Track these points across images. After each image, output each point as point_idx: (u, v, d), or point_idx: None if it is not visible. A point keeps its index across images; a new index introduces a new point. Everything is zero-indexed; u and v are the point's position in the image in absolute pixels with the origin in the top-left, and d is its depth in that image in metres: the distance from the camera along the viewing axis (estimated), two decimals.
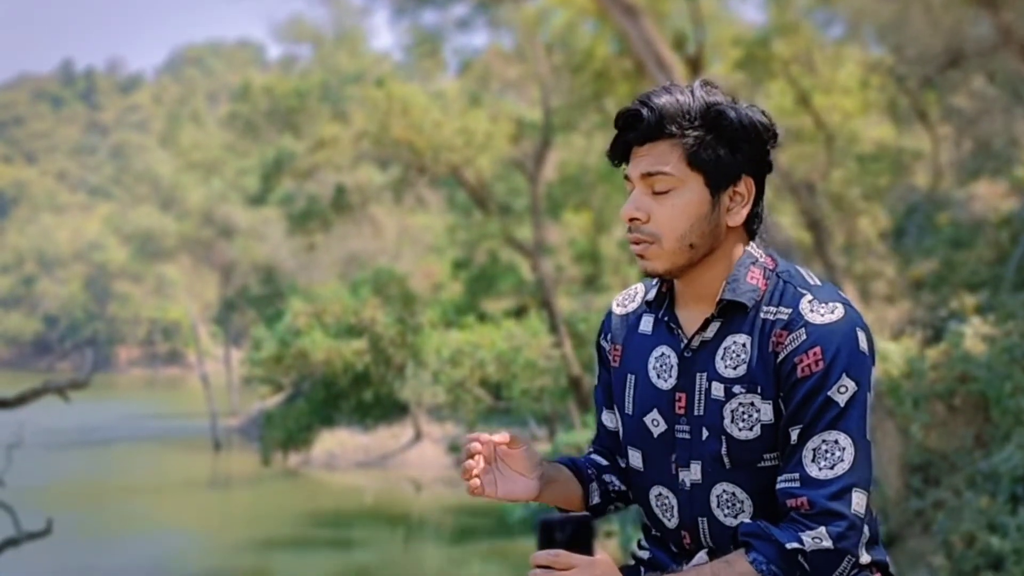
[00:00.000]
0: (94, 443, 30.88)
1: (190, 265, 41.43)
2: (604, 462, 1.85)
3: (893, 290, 14.18)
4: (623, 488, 1.82)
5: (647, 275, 1.69)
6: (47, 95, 77.53)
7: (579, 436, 14.85)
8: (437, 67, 24.53)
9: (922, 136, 17.03)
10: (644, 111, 1.64)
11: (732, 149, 1.63)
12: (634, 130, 1.65)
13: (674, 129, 1.62)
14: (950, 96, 15.93)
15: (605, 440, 1.86)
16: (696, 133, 1.62)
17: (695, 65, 13.59)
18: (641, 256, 1.66)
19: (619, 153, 1.69)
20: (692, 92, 1.64)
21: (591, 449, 1.89)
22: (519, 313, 21.00)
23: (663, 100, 1.64)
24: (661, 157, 1.63)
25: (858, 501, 1.56)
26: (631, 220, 1.66)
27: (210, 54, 75.51)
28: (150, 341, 58.51)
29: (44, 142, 71.81)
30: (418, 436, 26.01)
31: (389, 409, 23.27)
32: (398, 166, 21.59)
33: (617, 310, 1.83)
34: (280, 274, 30.93)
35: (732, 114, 1.63)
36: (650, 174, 1.64)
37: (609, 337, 1.82)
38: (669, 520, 1.72)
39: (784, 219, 13.06)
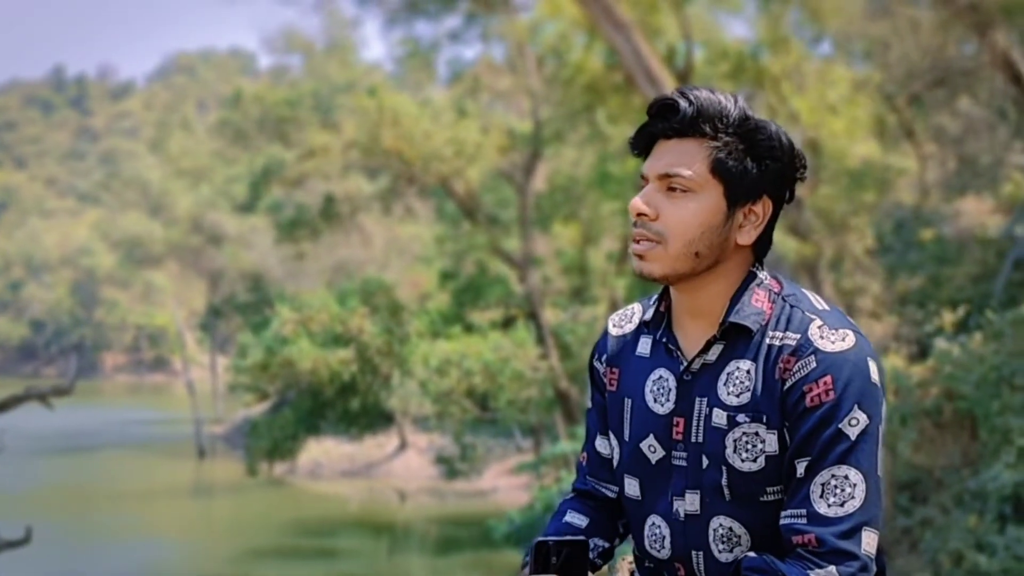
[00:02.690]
0: (78, 449, 30.68)
1: (178, 272, 41.35)
2: (582, 522, 1.71)
3: (879, 306, 14.20)
4: (608, 545, 1.71)
5: (642, 278, 1.58)
6: (38, 101, 77.36)
7: (565, 447, 14.80)
8: (428, 78, 24.54)
9: (908, 153, 17.12)
10: (682, 102, 1.55)
11: (760, 165, 1.55)
12: (666, 121, 1.56)
13: (708, 129, 1.54)
14: (936, 114, 16.03)
15: (596, 468, 1.75)
16: (728, 139, 1.54)
17: (684, 79, 13.63)
18: (640, 256, 1.56)
19: (642, 143, 1.60)
20: (734, 98, 1.57)
21: (572, 492, 1.78)
22: (506, 324, 20.95)
23: (704, 96, 1.55)
24: (684, 157, 1.54)
25: (868, 540, 1.48)
26: (639, 215, 1.56)
27: (201, 62, 75.51)
28: (136, 347, 58.26)
29: (34, 147, 71.58)
30: (404, 446, 25.94)
31: (375, 419, 23.17)
32: (387, 176, 21.57)
33: (613, 331, 1.73)
34: (268, 282, 30.85)
35: (771, 129, 1.56)
36: (668, 175, 1.55)
37: (604, 359, 1.72)
38: (660, 551, 1.63)
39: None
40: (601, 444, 1.74)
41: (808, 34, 17.09)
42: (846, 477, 1.48)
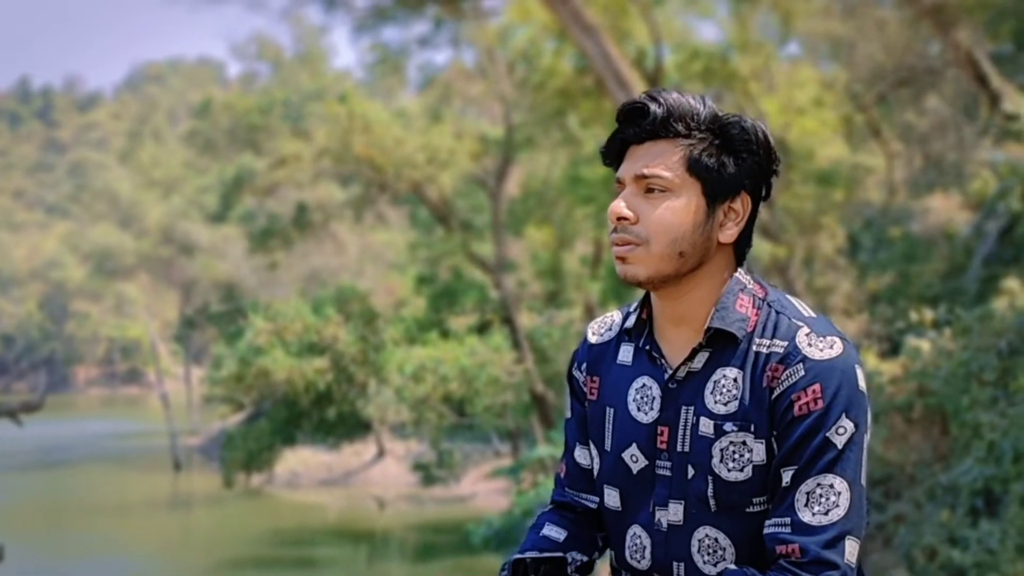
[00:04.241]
0: (51, 464, 30.34)
1: (150, 283, 41.08)
2: (560, 535, 1.69)
3: (850, 304, 14.33)
4: (586, 559, 1.68)
5: (626, 282, 1.55)
6: (3, 113, 76.48)
7: (543, 451, 14.81)
8: (399, 84, 24.54)
9: (876, 152, 17.29)
10: (652, 105, 1.53)
11: (736, 161, 1.53)
12: (636, 126, 1.54)
13: (680, 128, 1.53)
14: (903, 113, 16.20)
15: (575, 479, 1.72)
16: (702, 135, 1.53)
17: (654, 82, 13.71)
18: (623, 260, 1.54)
19: (614, 151, 1.58)
20: (703, 99, 1.56)
21: (551, 504, 1.75)
22: (482, 329, 20.96)
23: (673, 97, 1.54)
24: (660, 157, 1.53)
25: (851, 550, 1.47)
26: (620, 219, 1.53)
27: (170, 71, 74.94)
28: (109, 360, 57.70)
29: (0, 160, 70.78)
30: (381, 453, 25.86)
31: (352, 427, 23.09)
32: (359, 183, 21.53)
33: (593, 339, 1.70)
34: (241, 291, 30.71)
35: (746, 123, 1.55)
36: (645, 176, 1.53)
37: (584, 367, 1.69)
38: (640, 562, 1.61)
39: None
40: (581, 455, 1.71)
41: (776, 35, 17.24)
42: (831, 486, 1.47)
